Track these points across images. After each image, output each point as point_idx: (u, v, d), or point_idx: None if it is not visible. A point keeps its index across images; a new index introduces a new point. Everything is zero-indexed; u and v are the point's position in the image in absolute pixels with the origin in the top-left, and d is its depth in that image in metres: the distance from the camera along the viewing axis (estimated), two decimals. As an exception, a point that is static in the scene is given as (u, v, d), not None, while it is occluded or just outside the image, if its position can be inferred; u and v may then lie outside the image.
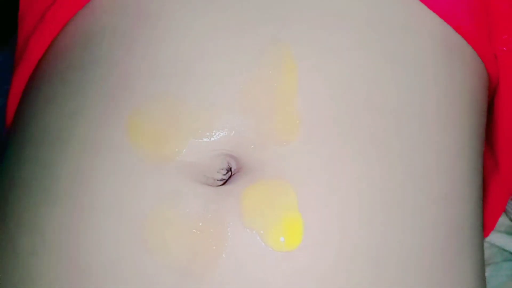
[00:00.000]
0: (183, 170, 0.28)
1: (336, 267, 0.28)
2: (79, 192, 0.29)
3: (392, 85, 0.31)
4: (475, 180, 0.34)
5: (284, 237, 0.27)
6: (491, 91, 0.38)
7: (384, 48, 0.31)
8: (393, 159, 0.30)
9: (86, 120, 0.30)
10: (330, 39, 0.31)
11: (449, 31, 0.33)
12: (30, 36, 0.36)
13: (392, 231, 0.29)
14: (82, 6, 0.34)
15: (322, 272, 0.28)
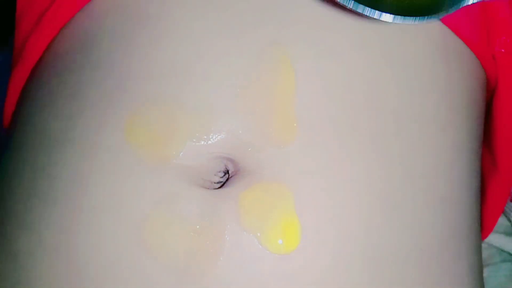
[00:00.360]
0: (180, 172, 0.28)
1: (334, 269, 0.28)
2: (77, 194, 0.29)
3: (391, 86, 0.31)
4: (473, 182, 0.34)
5: (282, 239, 0.27)
6: (489, 93, 0.38)
7: (383, 49, 0.31)
8: (391, 161, 0.30)
9: (84, 122, 0.30)
10: (329, 40, 0.31)
11: (447, 33, 0.33)
12: (27, 38, 0.36)
13: (390, 232, 0.29)
14: (80, 8, 0.34)
15: (320, 274, 0.28)
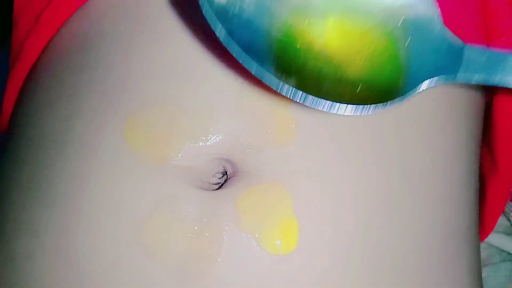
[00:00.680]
0: (179, 173, 0.28)
1: (332, 270, 0.28)
2: (76, 195, 0.29)
3: None
4: (471, 182, 0.34)
5: (280, 240, 0.27)
6: (489, 92, 0.38)
7: None
8: (390, 161, 0.30)
9: (83, 123, 0.30)
10: None
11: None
12: (25, 38, 0.36)
13: (388, 233, 0.29)
14: (76, 8, 0.34)
15: (318, 275, 0.28)
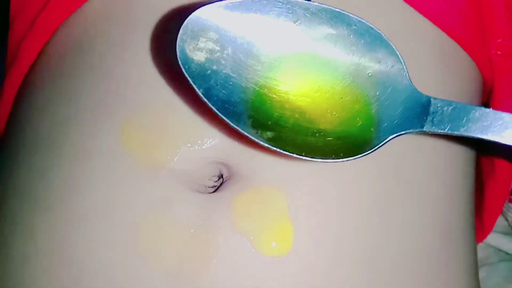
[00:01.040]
0: (175, 177, 0.29)
1: (328, 272, 0.28)
2: (72, 198, 0.29)
3: None
4: (466, 184, 0.35)
5: (275, 242, 0.28)
6: (486, 94, 0.38)
7: None
8: (384, 163, 0.30)
9: (79, 127, 0.30)
10: None
11: (442, 36, 0.33)
12: (21, 41, 0.36)
13: (384, 234, 0.29)
14: (72, 12, 0.34)
15: (313, 277, 0.28)
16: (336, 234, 0.28)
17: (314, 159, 0.25)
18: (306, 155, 0.25)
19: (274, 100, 0.25)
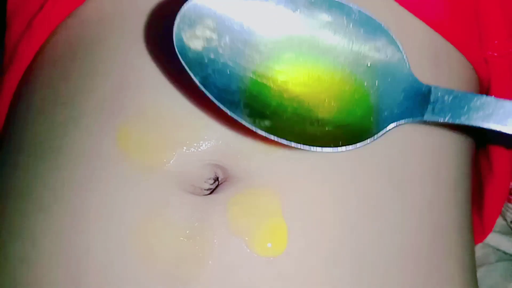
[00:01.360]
0: (171, 179, 0.29)
1: (321, 272, 0.28)
2: (70, 200, 0.29)
3: None
4: (461, 184, 0.35)
5: (270, 243, 0.28)
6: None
7: None
8: (377, 164, 0.30)
9: (77, 130, 0.30)
10: None
11: (436, 38, 0.33)
12: (18, 42, 0.36)
13: (377, 234, 0.30)
14: (68, 13, 0.34)
15: (307, 276, 0.28)
16: (330, 234, 0.29)
17: (312, 148, 0.24)
18: (304, 144, 0.24)
19: (272, 89, 0.25)
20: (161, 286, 0.27)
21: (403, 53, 0.24)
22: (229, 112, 0.24)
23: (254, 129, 0.24)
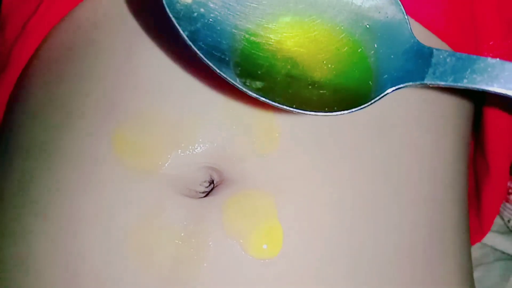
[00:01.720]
0: (166, 182, 0.29)
1: (318, 273, 0.28)
2: (64, 203, 0.29)
3: None
4: (458, 182, 0.34)
5: (265, 245, 0.28)
6: (479, 97, 0.37)
7: None
8: (373, 164, 0.30)
9: (71, 133, 0.30)
10: None
11: (432, 39, 0.33)
12: (13, 45, 0.36)
13: (373, 234, 0.29)
14: (63, 16, 0.34)
15: (303, 278, 0.28)
16: (326, 235, 0.29)
17: (306, 112, 0.23)
18: (297, 108, 0.23)
19: (265, 49, 0.24)
20: None
21: (404, 13, 0.23)
22: (217, 71, 0.23)
23: (244, 90, 0.23)
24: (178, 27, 0.23)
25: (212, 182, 0.30)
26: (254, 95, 0.23)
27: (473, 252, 0.40)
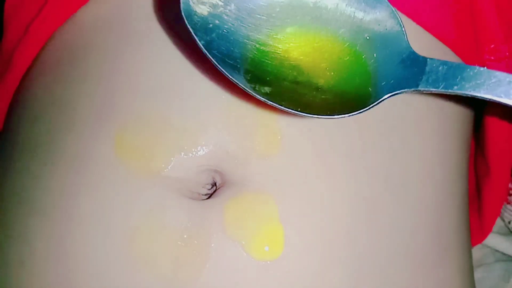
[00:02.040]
0: (168, 185, 0.29)
1: (319, 275, 0.28)
2: (67, 204, 0.29)
3: None
4: (458, 186, 0.35)
5: (267, 246, 0.28)
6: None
7: None
8: (372, 168, 0.30)
9: (74, 135, 0.30)
10: None
11: (434, 42, 0.33)
12: (15, 47, 0.36)
13: (373, 237, 0.30)
14: (66, 19, 0.34)
15: (304, 280, 0.28)
16: (327, 237, 0.29)
17: (310, 115, 0.25)
18: (302, 111, 0.25)
19: (273, 57, 0.26)
20: None
21: (402, 26, 0.25)
22: (229, 76, 0.25)
23: (253, 94, 0.25)
24: (195, 37, 0.25)
25: (214, 184, 0.30)
26: (262, 99, 0.25)
27: (473, 253, 0.40)
